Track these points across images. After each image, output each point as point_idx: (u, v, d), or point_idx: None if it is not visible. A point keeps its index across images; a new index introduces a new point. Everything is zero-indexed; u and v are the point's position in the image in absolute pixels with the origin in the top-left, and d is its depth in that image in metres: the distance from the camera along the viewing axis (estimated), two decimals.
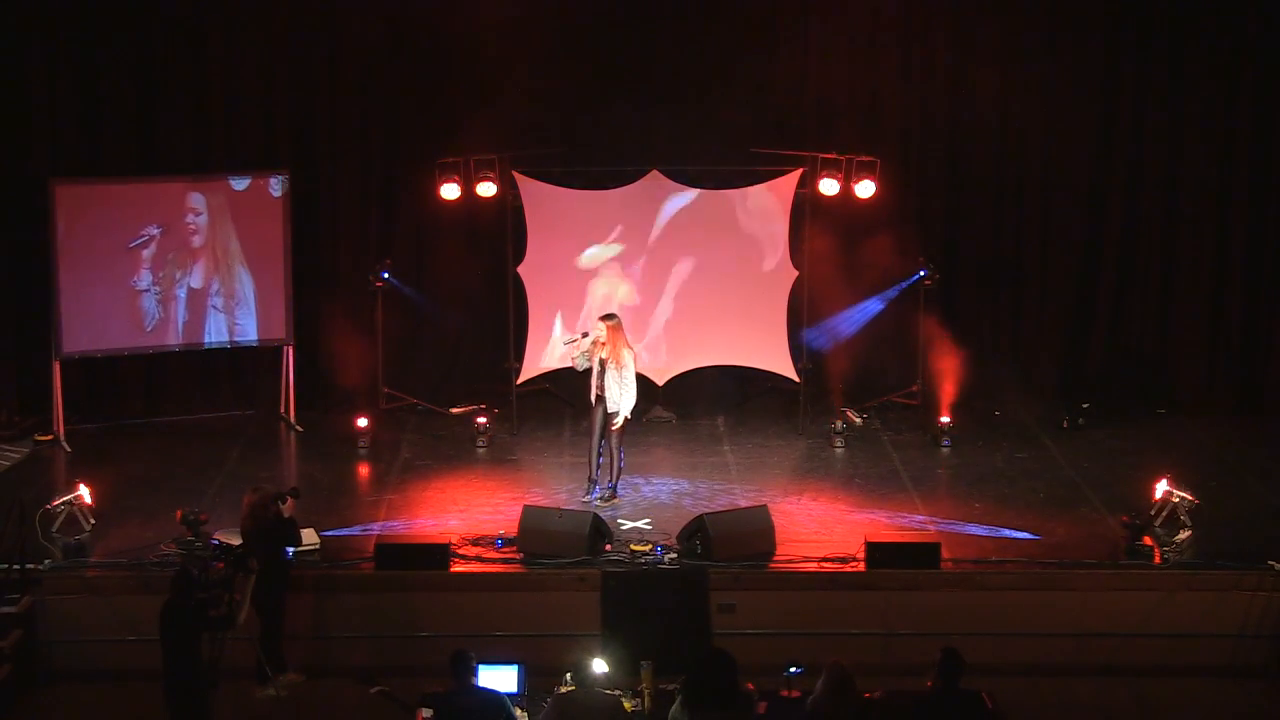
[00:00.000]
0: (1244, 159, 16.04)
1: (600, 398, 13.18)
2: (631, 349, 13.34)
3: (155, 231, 14.86)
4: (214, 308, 15.23)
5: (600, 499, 13.25)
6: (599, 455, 13.33)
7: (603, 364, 13.12)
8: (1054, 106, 16.06)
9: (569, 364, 13.47)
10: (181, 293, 15.09)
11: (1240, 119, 15.99)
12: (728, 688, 8.54)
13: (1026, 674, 11.48)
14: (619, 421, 13.19)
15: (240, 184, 15.14)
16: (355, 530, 12.67)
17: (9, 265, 15.41)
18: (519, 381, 15.44)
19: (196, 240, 15.08)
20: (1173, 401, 16.12)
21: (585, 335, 13.35)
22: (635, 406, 15.78)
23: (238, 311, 15.33)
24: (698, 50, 15.82)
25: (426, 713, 9.33)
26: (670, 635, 11.31)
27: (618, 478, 13.40)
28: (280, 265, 15.34)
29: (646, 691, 9.71)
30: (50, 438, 14.90)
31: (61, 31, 15.35)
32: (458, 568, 11.91)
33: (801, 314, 15.53)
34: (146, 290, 14.95)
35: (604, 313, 13.68)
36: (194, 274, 15.11)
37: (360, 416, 15.04)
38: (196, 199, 15.02)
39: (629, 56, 15.75)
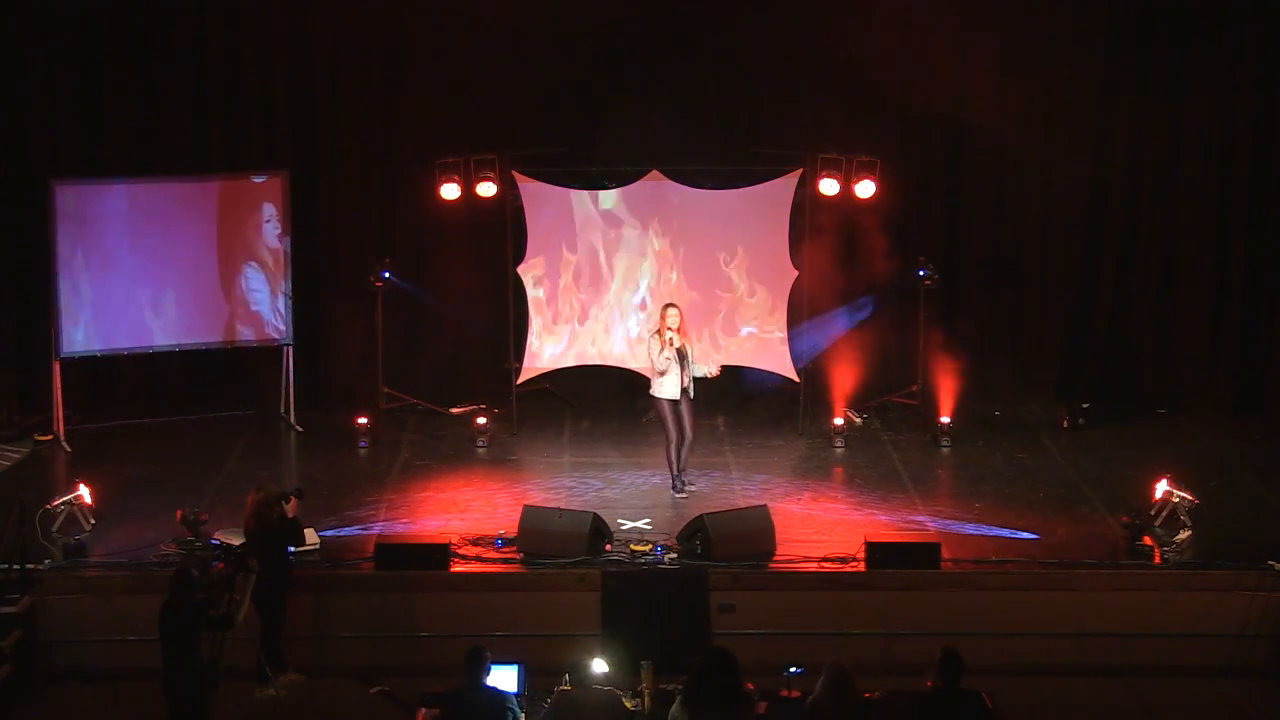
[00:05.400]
0: (1244, 159, 16.04)
1: (685, 390, 13.22)
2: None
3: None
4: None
5: (679, 493, 13.45)
6: (678, 450, 13.41)
7: (681, 354, 13.14)
8: (1054, 106, 16.05)
9: (660, 371, 13.26)
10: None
11: (1240, 119, 15.99)
12: (728, 688, 8.54)
13: (1026, 674, 11.47)
14: (716, 369, 13.45)
15: (238, 183, 15.14)
16: (355, 530, 12.67)
17: (9, 265, 15.42)
18: (519, 381, 15.44)
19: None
20: (1173, 401, 16.12)
21: (658, 334, 13.26)
22: (635, 406, 15.91)
23: (263, 308, 15.41)
24: (698, 50, 15.82)
25: (427, 712, 9.34)
26: (670, 635, 11.30)
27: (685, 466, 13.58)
28: (280, 265, 15.34)
29: (646, 691, 9.70)
30: (50, 438, 14.89)
31: (61, 31, 15.35)
32: (458, 568, 11.91)
33: (801, 314, 15.54)
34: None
35: (666, 302, 13.73)
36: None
37: (360, 416, 15.04)
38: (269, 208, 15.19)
39: (629, 56, 15.75)
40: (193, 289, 15.14)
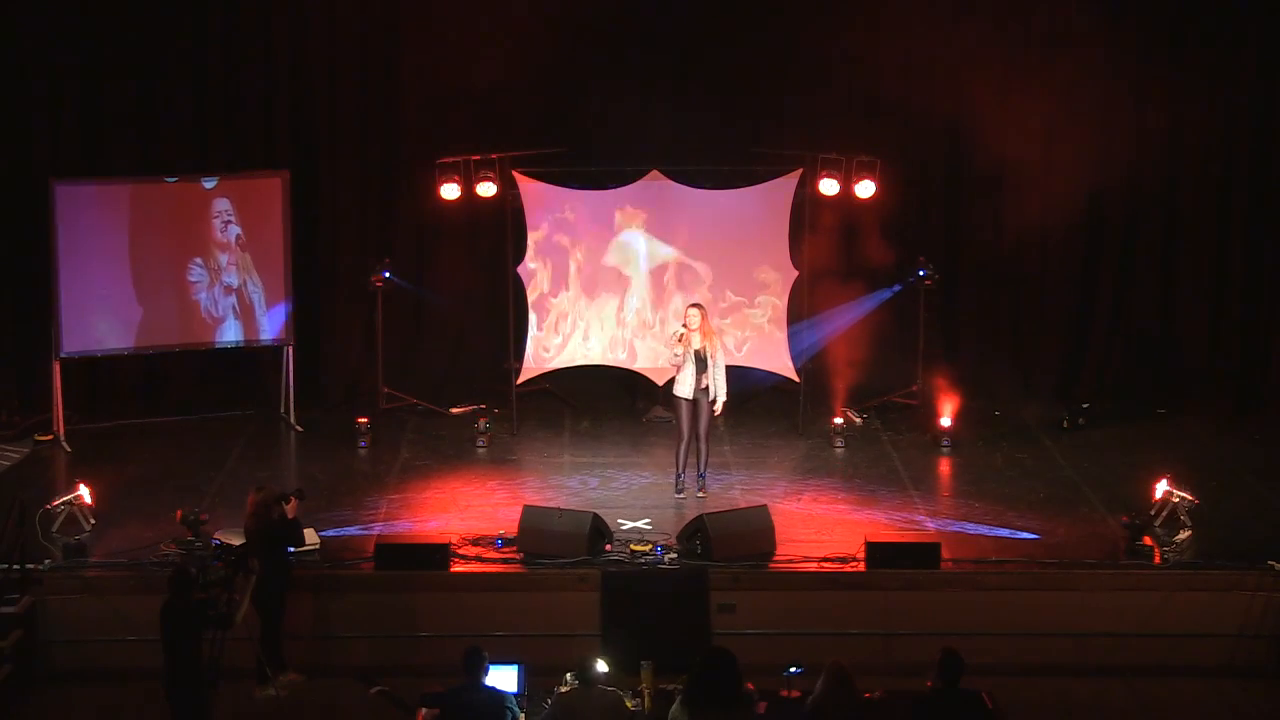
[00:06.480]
0: (1244, 159, 16.05)
1: (704, 390, 13.19)
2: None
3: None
4: (233, 308, 15.32)
5: (700, 492, 13.36)
6: (688, 451, 13.36)
7: (699, 355, 13.13)
8: (1054, 105, 16.04)
9: (671, 366, 13.41)
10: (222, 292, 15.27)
11: (1240, 119, 16.00)
12: (728, 688, 8.54)
13: (1026, 674, 11.47)
14: (719, 408, 13.28)
15: (238, 183, 15.14)
16: (355, 530, 12.67)
17: (9, 265, 15.42)
18: (519, 381, 15.43)
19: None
20: (1173, 401, 16.11)
21: (684, 327, 13.30)
22: (635, 406, 15.91)
23: (255, 311, 15.37)
24: (698, 50, 15.83)
25: (427, 712, 9.34)
26: (670, 635, 11.30)
27: (706, 466, 13.48)
28: (280, 265, 15.34)
29: (646, 691, 9.71)
30: (50, 438, 14.89)
31: (63, 31, 15.34)
32: (458, 568, 11.91)
33: (801, 314, 15.53)
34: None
35: (691, 301, 13.76)
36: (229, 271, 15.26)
37: (360, 416, 15.04)
38: (221, 203, 15.07)
39: (629, 56, 15.76)
40: (193, 289, 15.13)
